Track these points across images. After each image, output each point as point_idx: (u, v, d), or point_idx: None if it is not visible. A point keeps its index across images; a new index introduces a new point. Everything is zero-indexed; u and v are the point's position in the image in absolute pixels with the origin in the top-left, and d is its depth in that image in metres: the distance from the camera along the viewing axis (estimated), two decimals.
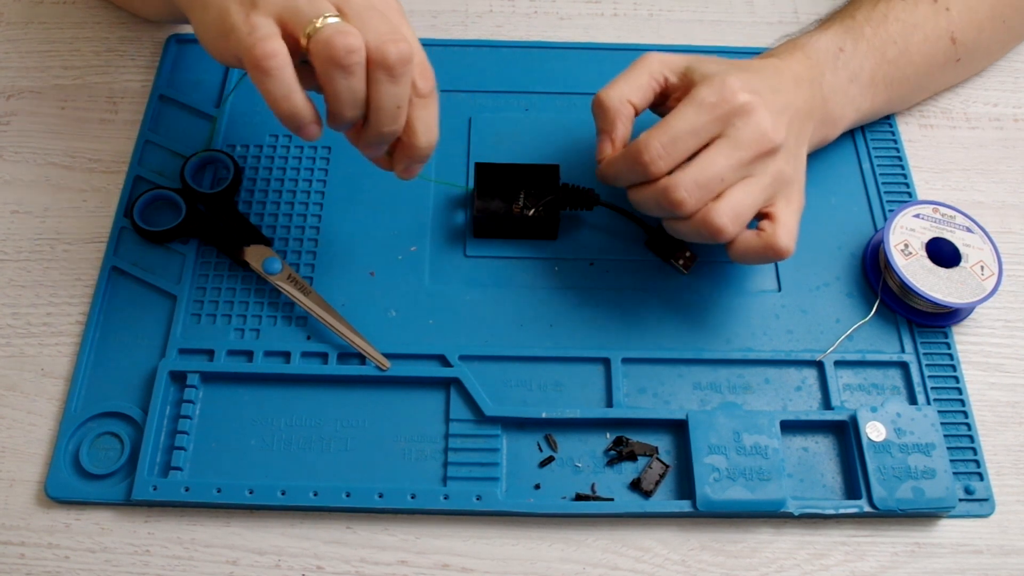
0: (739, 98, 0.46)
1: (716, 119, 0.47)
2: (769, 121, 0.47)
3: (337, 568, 0.46)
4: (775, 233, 0.48)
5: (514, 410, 0.49)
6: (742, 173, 0.47)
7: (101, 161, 0.59)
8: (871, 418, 0.49)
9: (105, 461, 0.48)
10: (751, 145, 0.46)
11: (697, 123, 0.46)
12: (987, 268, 0.52)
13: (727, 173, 0.46)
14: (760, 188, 0.47)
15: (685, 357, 0.51)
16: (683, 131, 0.46)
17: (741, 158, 0.46)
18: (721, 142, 0.47)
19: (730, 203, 0.47)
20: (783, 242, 0.48)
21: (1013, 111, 0.63)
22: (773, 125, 0.47)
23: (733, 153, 0.46)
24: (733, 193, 0.47)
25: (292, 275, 0.53)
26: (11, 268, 0.55)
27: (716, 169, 0.46)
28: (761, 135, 0.47)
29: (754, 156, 0.47)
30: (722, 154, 0.46)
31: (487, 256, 0.55)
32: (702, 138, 0.47)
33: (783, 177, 0.48)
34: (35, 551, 0.46)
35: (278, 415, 0.49)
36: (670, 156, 0.47)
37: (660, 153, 0.46)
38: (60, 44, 0.64)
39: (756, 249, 0.48)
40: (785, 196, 0.49)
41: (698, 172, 0.46)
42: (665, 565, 0.47)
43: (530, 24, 0.66)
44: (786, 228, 0.48)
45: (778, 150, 0.47)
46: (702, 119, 0.46)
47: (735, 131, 0.47)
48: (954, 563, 0.47)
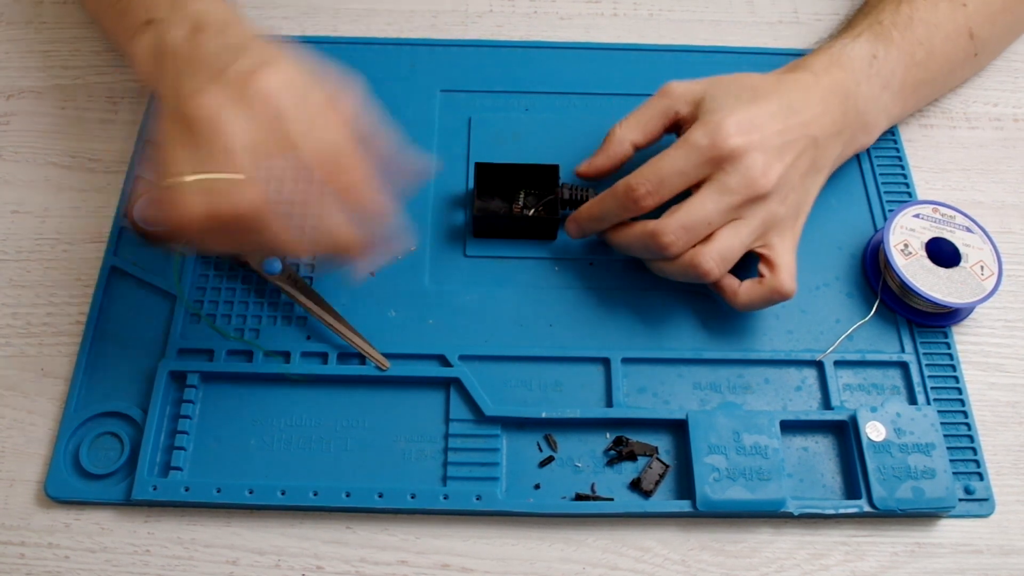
0: (729, 144, 0.47)
1: (705, 163, 0.47)
2: (760, 166, 0.47)
3: (337, 568, 0.46)
4: (777, 279, 0.49)
5: (514, 410, 0.49)
6: (730, 216, 0.48)
7: (101, 161, 0.59)
8: (871, 418, 0.49)
9: (105, 461, 0.48)
10: (739, 191, 0.47)
11: (686, 166, 0.48)
12: (987, 268, 0.52)
13: (714, 217, 0.47)
14: (748, 231, 0.48)
15: (685, 357, 0.51)
16: (671, 172, 0.48)
17: (729, 203, 0.47)
18: (710, 186, 0.48)
19: (716, 247, 0.48)
20: (786, 286, 0.49)
21: (1013, 111, 0.63)
22: (763, 170, 0.47)
23: (721, 198, 0.47)
24: (720, 236, 0.48)
25: (292, 275, 0.53)
26: (11, 268, 0.55)
27: (703, 214, 0.47)
28: (750, 181, 0.47)
29: (742, 201, 0.48)
30: (710, 199, 0.47)
31: (487, 256, 0.55)
32: (690, 179, 0.48)
33: (775, 219, 0.49)
34: (35, 551, 0.46)
35: (278, 415, 0.49)
36: (657, 194, 0.48)
37: (649, 190, 0.48)
38: (60, 44, 0.64)
39: (761, 297, 0.49)
40: (778, 234, 0.50)
41: (685, 217, 0.47)
42: (665, 565, 0.47)
43: (530, 24, 0.66)
44: (786, 270, 0.49)
45: (768, 195, 0.48)
46: (691, 162, 0.47)
47: (724, 176, 0.47)
48: (954, 563, 0.47)
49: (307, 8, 0.65)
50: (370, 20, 0.65)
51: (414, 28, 0.65)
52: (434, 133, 0.59)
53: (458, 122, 0.60)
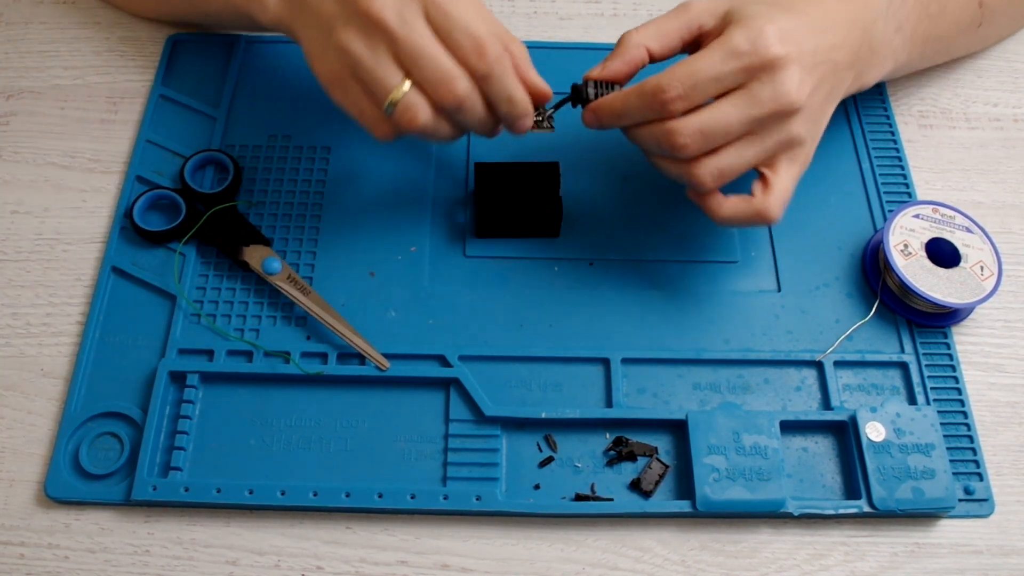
0: (772, 51, 0.44)
1: (742, 69, 0.45)
2: (796, 80, 0.45)
3: (337, 568, 0.46)
4: (765, 201, 0.47)
5: (514, 410, 0.49)
6: (750, 128, 0.46)
7: (101, 161, 0.59)
8: (871, 418, 0.49)
9: (105, 461, 0.48)
10: (769, 103, 0.45)
11: (723, 71, 0.45)
12: (987, 268, 0.52)
13: (735, 128, 0.45)
14: (759, 151, 0.46)
15: (685, 357, 0.51)
16: (707, 77, 0.45)
17: (754, 116, 0.45)
18: (739, 95, 0.45)
19: (718, 163, 0.46)
20: (772, 211, 0.47)
21: (1013, 111, 0.63)
22: (799, 85, 0.45)
23: (748, 110, 0.45)
24: (727, 152, 0.46)
25: (292, 275, 0.53)
26: (11, 268, 0.55)
27: (725, 123, 0.45)
28: (782, 96, 0.45)
29: (768, 115, 0.45)
30: (736, 108, 0.45)
31: (487, 256, 0.55)
32: (725, 86, 0.45)
33: (794, 140, 0.47)
34: (35, 551, 0.46)
35: (278, 415, 0.49)
36: (689, 99, 0.45)
37: (680, 94, 0.45)
38: (60, 44, 0.64)
39: (744, 216, 0.48)
40: (790, 158, 0.47)
41: (705, 122, 0.45)
42: (665, 565, 0.47)
43: (530, 24, 0.66)
44: (778, 195, 0.47)
45: (796, 113, 0.46)
46: (729, 67, 0.45)
47: (757, 86, 0.45)
48: (954, 563, 0.47)
49: None
50: None
51: None
52: None
53: None
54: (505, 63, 0.46)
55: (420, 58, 0.44)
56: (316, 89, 0.58)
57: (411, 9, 0.44)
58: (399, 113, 0.45)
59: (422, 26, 0.45)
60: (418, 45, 0.44)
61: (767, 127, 0.46)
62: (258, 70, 0.62)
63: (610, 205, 0.57)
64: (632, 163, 0.58)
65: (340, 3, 0.45)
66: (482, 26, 0.45)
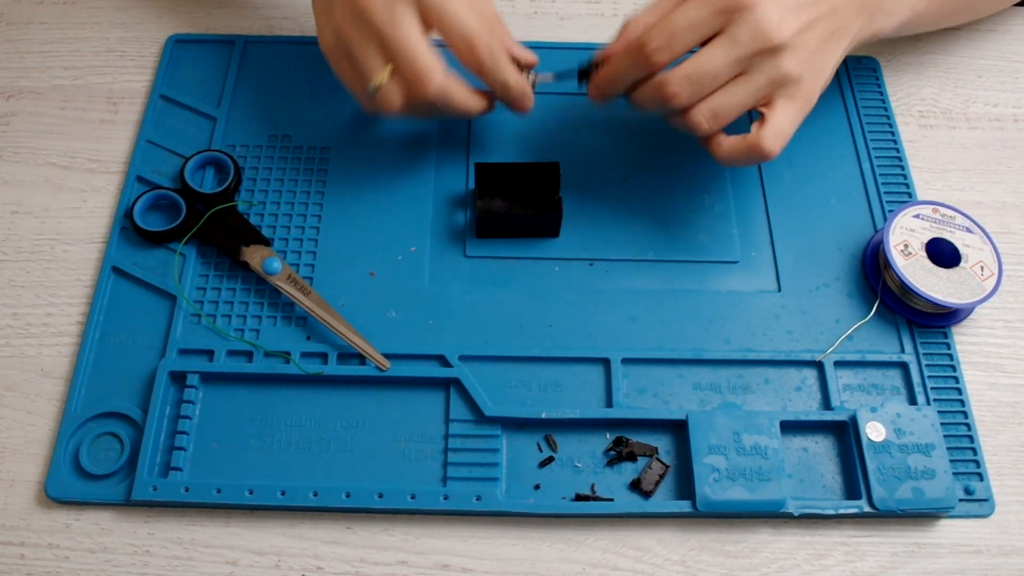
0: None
1: (717, 13, 0.46)
2: (775, 18, 0.46)
3: (337, 568, 0.46)
4: (759, 135, 0.48)
5: (514, 410, 0.49)
6: (737, 69, 0.47)
7: (101, 161, 0.59)
8: (871, 418, 0.49)
9: (105, 461, 0.48)
10: (749, 43, 0.46)
11: (698, 16, 0.46)
12: (987, 268, 0.52)
13: (721, 70, 0.47)
14: (750, 90, 0.47)
15: (685, 357, 0.51)
16: (683, 24, 0.47)
17: (738, 55, 0.46)
18: (721, 38, 0.47)
19: (711, 104, 0.47)
20: (767, 144, 0.48)
21: (1013, 111, 0.63)
22: (779, 22, 0.46)
23: (730, 50, 0.46)
24: (719, 93, 0.47)
25: (292, 275, 0.53)
26: (11, 268, 0.55)
27: (711, 66, 0.46)
28: (761, 33, 0.46)
29: (752, 54, 0.46)
30: (719, 50, 0.46)
31: (487, 256, 0.55)
32: (703, 31, 0.47)
33: (785, 78, 0.47)
34: (35, 551, 0.46)
35: (278, 415, 0.49)
36: (670, 48, 0.47)
37: (661, 44, 0.47)
38: (60, 44, 0.64)
39: (740, 152, 0.49)
40: (786, 95, 0.48)
41: (691, 68, 0.47)
42: (665, 565, 0.47)
43: (530, 24, 0.66)
44: (775, 130, 0.48)
45: (782, 48, 0.47)
46: (703, 12, 0.46)
47: (735, 28, 0.46)
48: (954, 563, 0.47)
49: (307, 9, 0.65)
50: None
51: None
52: (434, 133, 0.59)
53: (458, 122, 0.60)
54: (496, 53, 0.49)
55: (399, 53, 0.48)
56: (316, 89, 0.58)
57: (401, 6, 0.48)
58: (379, 98, 0.50)
59: (408, 23, 0.48)
60: (399, 41, 0.48)
61: (755, 66, 0.47)
62: (258, 70, 0.62)
63: (610, 205, 0.57)
64: (632, 163, 0.58)
65: None
66: (472, 21, 0.48)
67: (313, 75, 0.60)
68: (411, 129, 0.59)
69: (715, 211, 0.57)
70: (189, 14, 0.66)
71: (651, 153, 0.59)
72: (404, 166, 0.58)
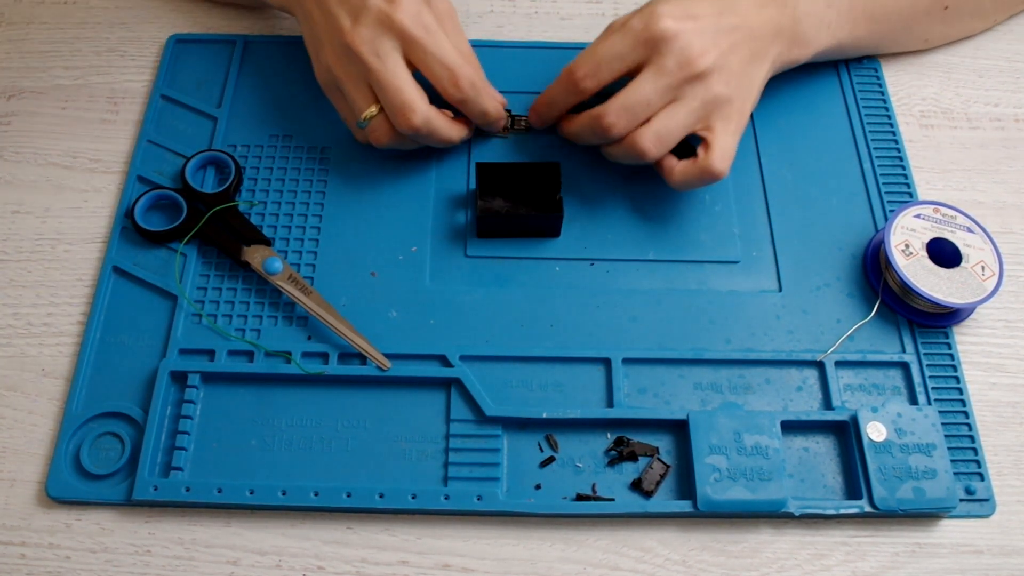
0: (661, 24, 0.49)
1: (639, 45, 0.50)
2: (696, 46, 0.49)
3: (338, 568, 0.46)
4: (708, 158, 0.51)
5: (515, 410, 0.49)
6: (669, 97, 0.50)
7: (102, 161, 0.59)
8: (872, 418, 0.49)
9: (106, 461, 0.48)
10: (675, 71, 0.49)
11: (622, 48, 0.50)
12: (988, 268, 0.52)
13: (653, 98, 0.50)
14: (687, 112, 0.50)
15: (686, 357, 0.51)
16: (608, 55, 0.50)
17: (667, 83, 0.50)
18: (648, 69, 0.50)
19: (654, 127, 0.50)
20: (716, 166, 0.51)
21: (1014, 111, 0.63)
22: (701, 50, 0.49)
23: (658, 79, 0.50)
24: (658, 117, 0.50)
25: (293, 275, 0.53)
26: (12, 268, 0.55)
27: (642, 95, 0.50)
28: (686, 61, 0.49)
29: (680, 81, 0.50)
30: (648, 80, 0.50)
31: (488, 256, 0.55)
32: (627, 62, 0.50)
33: (716, 100, 0.50)
34: (36, 551, 0.46)
35: (279, 415, 0.49)
36: (596, 76, 0.51)
37: (587, 71, 0.51)
38: (61, 44, 0.64)
39: (693, 176, 0.52)
40: (722, 117, 0.51)
41: (624, 98, 0.50)
42: (666, 565, 0.47)
43: (531, 24, 0.66)
44: (720, 152, 0.51)
45: (707, 74, 0.50)
46: (626, 44, 0.50)
47: (660, 58, 0.49)
48: (955, 563, 0.47)
49: None
50: None
51: None
52: None
53: None
54: (477, 86, 0.53)
55: (385, 89, 0.51)
56: (316, 89, 0.58)
57: (386, 45, 0.51)
58: (369, 130, 0.54)
59: (393, 60, 0.51)
60: (385, 79, 0.51)
61: (687, 92, 0.50)
62: (258, 70, 0.62)
63: (610, 205, 0.57)
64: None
65: (328, 29, 0.53)
66: (454, 56, 0.52)
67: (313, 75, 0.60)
68: None
69: (716, 211, 0.57)
70: (189, 14, 0.66)
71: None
72: (405, 166, 0.58)
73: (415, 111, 0.51)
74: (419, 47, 0.51)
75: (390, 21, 0.51)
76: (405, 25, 0.51)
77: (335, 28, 0.52)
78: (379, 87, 0.52)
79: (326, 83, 0.55)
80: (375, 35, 0.51)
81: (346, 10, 0.52)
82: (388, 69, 0.51)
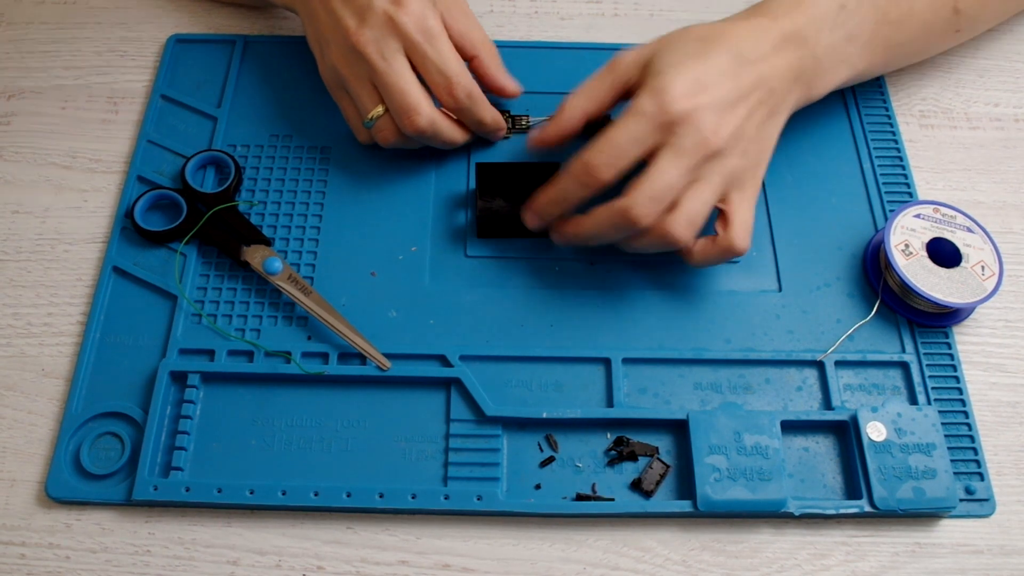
0: (676, 108, 0.47)
1: (656, 128, 0.47)
2: (710, 125, 0.47)
3: (338, 568, 0.46)
4: (728, 236, 0.49)
5: (515, 410, 0.49)
6: (691, 177, 0.48)
7: (101, 161, 0.59)
8: (872, 418, 0.49)
9: (106, 461, 0.48)
10: (695, 151, 0.47)
11: (638, 133, 0.47)
12: (988, 268, 0.52)
13: (676, 181, 0.48)
14: (711, 190, 0.49)
15: (685, 357, 0.51)
16: (625, 141, 0.47)
17: (688, 165, 0.47)
18: (666, 151, 0.47)
19: (684, 213, 0.48)
20: (738, 244, 0.49)
21: (1014, 111, 0.63)
22: (715, 128, 0.47)
23: (679, 162, 0.47)
24: (685, 201, 0.48)
25: (292, 275, 0.53)
26: (11, 268, 0.55)
27: (666, 180, 0.47)
28: (703, 140, 0.47)
29: (700, 161, 0.48)
30: (670, 164, 0.47)
31: (487, 256, 0.55)
32: (645, 146, 0.48)
33: (734, 173, 0.49)
34: (36, 551, 0.46)
35: (279, 415, 0.49)
36: (615, 165, 0.48)
37: (605, 161, 0.48)
38: (61, 44, 0.64)
39: (715, 255, 0.50)
40: (739, 188, 0.50)
41: (649, 187, 0.47)
42: (666, 565, 0.47)
43: (531, 24, 0.66)
44: (740, 227, 0.49)
45: (723, 151, 0.48)
46: (643, 129, 0.47)
47: (676, 139, 0.47)
48: (955, 563, 0.47)
49: None
50: None
51: None
52: None
53: None
54: (474, 95, 0.53)
55: (390, 91, 0.52)
56: (316, 89, 0.58)
57: (391, 46, 0.51)
58: (375, 130, 0.54)
59: (399, 62, 0.52)
60: (390, 80, 0.51)
61: (706, 170, 0.48)
62: (258, 70, 0.62)
63: None
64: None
65: (334, 29, 0.53)
66: (453, 64, 0.52)
67: (314, 75, 0.60)
68: None
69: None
70: (189, 14, 0.66)
71: None
72: (405, 166, 0.58)
73: (420, 113, 0.51)
74: (419, 52, 0.51)
75: (394, 23, 0.51)
76: (408, 29, 0.51)
77: (341, 28, 0.52)
78: (384, 88, 0.52)
79: (331, 82, 0.55)
80: (380, 36, 0.51)
81: (352, 10, 0.52)
82: (394, 71, 0.51)
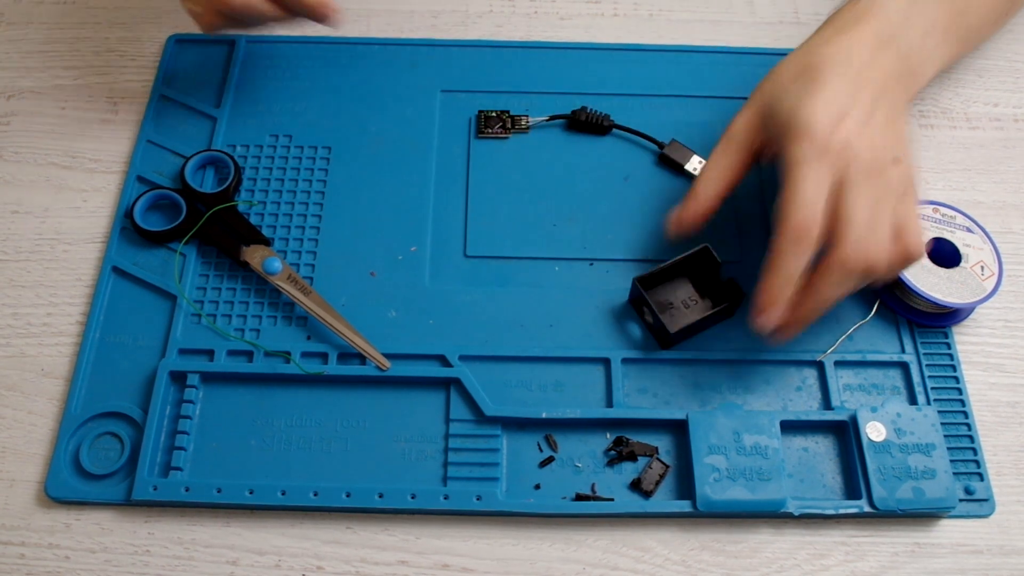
0: (834, 139, 0.45)
1: (827, 167, 0.45)
2: (866, 144, 0.45)
3: (337, 568, 0.46)
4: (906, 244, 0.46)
5: (514, 410, 0.49)
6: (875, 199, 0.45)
7: (101, 161, 0.59)
8: (871, 418, 0.49)
9: (105, 461, 0.48)
10: (867, 175, 0.45)
11: (816, 178, 0.45)
12: (987, 268, 0.52)
13: (869, 206, 0.45)
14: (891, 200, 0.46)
15: (685, 357, 0.51)
16: (811, 191, 0.45)
17: (870, 190, 0.45)
18: (849, 188, 0.45)
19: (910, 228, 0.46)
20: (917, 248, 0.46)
21: (1014, 111, 0.63)
22: (870, 145, 0.46)
23: (861, 191, 0.45)
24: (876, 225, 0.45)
25: (292, 275, 0.53)
26: (11, 268, 0.55)
27: (862, 210, 0.45)
28: (873, 160, 0.45)
29: (875, 181, 0.45)
30: (856, 196, 0.45)
31: (487, 256, 0.55)
32: (827, 185, 0.45)
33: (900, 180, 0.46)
34: (35, 551, 0.46)
35: (278, 415, 0.49)
36: (815, 217, 0.45)
37: (806, 215, 0.45)
38: (60, 44, 0.64)
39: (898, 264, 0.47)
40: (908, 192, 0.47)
41: (857, 229, 0.45)
42: (665, 565, 0.47)
43: (530, 24, 0.66)
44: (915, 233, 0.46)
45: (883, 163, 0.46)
46: (815, 174, 0.45)
47: (850, 173, 0.45)
48: (954, 563, 0.47)
49: None
50: (370, 20, 0.65)
51: (414, 28, 0.65)
52: (434, 133, 0.59)
53: (458, 122, 0.60)
54: None
55: None
56: (316, 89, 0.58)
57: None
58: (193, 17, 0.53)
59: None
60: None
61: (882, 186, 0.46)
62: (258, 70, 0.62)
63: (610, 205, 0.57)
64: (633, 163, 0.58)
65: None
66: None
67: (313, 75, 0.60)
68: (412, 128, 0.59)
69: None
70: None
71: (651, 152, 0.59)
72: (404, 166, 0.58)
73: None
74: None
75: None
76: None
77: None
78: None
79: None
80: None
81: None
82: None
